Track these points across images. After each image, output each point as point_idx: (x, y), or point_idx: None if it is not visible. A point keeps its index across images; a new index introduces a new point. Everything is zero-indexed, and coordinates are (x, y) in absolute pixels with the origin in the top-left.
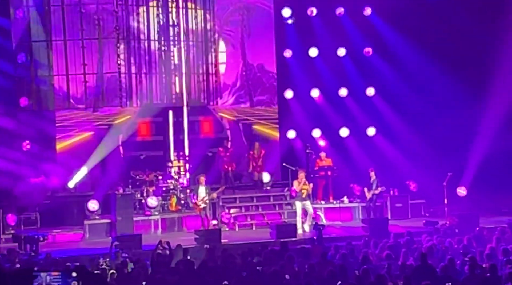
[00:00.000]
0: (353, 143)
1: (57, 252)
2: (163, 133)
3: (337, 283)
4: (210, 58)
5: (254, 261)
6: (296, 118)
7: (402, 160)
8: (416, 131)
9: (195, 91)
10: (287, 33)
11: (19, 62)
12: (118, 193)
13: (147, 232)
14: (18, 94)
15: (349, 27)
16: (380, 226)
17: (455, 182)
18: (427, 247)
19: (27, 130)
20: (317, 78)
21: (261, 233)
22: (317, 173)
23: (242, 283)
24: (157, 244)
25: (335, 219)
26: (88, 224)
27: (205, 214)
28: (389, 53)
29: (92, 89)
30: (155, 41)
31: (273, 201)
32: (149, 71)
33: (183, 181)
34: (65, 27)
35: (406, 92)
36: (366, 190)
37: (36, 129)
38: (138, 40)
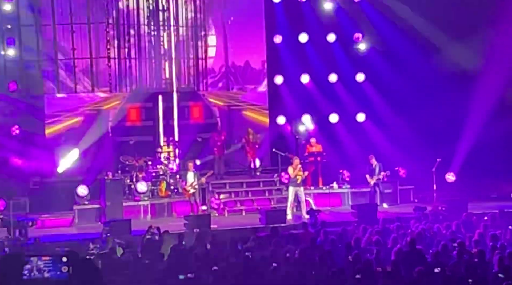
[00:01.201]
0: (342, 129)
1: (46, 237)
2: (152, 119)
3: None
4: (200, 43)
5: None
6: (286, 104)
7: (392, 146)
8: (406, 118)
9: (185, 76)
10: (277, 18)
11: (7, 46)
12: (107, 178)
13: (136, 218)
14: (6, 78)
15: (339, 12)
16: (369, 212)
17: (444, 168)
18: (416, 233)
19: (16, 115)
20: (307, 64)
21: (250, 219)
22: (307, 159)
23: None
24: (147, 230)
25: (324, 205)
26: (77, 209)
27: (194, 199)
28: (378, 39)
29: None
30: (144, 26)
31: (263, 186)
32: (138, 56)
33: (173, 166)
34: (54, 12)
35: (395, 79)
36: (368, 176)
37: (25, 114)
38: (127, 25)
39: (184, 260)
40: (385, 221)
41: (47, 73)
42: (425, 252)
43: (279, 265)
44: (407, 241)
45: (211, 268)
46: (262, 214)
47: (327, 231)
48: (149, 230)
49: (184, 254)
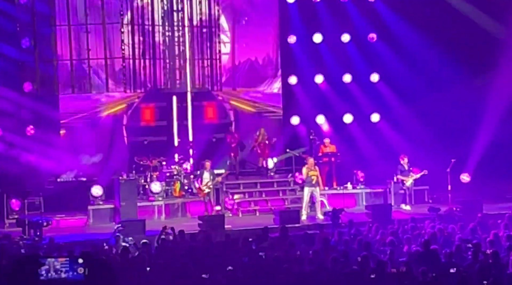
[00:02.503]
0: (357, 129)
1: (60, 237)
2: (167, 119)
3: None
4: (214, 43)
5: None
6: (300, 105)
7: (406, 146)
8: (420, 118)
9: (199, 76)
10: (291, 19)
11: (23, 47)
12: (121, 179)
13: (150, 218)
14: (22, 79)
15: (354, 13)
16: (384, 212)
17: (459, 168)
18: (430, 233)
19: (31, 115)
20: (321, 64)
21: (264, 219)
22: (321, 159)
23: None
24: (162, 230)
25: (338, 205)
26: (92, 209)
27: (208, 199)
28: (393, 39)
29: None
30: (159, 26)
31: (277, 187)
32: (153, 56)
33: (187, 166)
34: (69, 12)
35: (410, 79)
36: (402, 176)
37: (40, 114)
38: (142, 25)
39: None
40: (399, 221)
41: (62, 74)
42: (440, 253)
43: (292, 266)
44: (421, 241)
45: (226, 268)
46: (276, 215)
47: (341, 232)
48: (164, 230)
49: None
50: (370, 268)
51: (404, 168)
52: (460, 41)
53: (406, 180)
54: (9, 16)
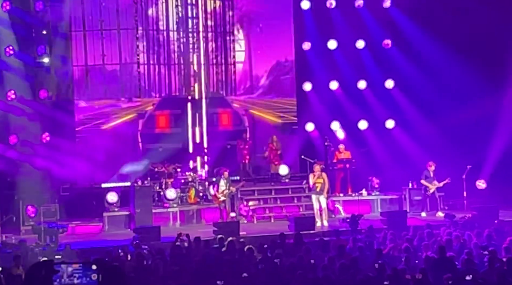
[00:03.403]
0: (371, 136)
1: (76, 244)
2: (181, 126)
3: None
4: (229, 49)
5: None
6: (315, 111)
7: (421, 153)
8: (435, 124)
9: (214, 83)
10: (306, 25)
11: (38, 54)
12: (137, 185)
13: (165, 224)
14: (37, 86)
15: (368, 19)
16: (399, 219)
17: (475, 175)
18: (445, 240)
19: (46, 122)
20: (336, 70)
21: (279, 226)
22: (336, 166)
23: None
24: (177, 236)
25: (353, 212)
26: (107, 216)
27: (224, 206)
28: (408, 45)
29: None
30: (173, 32)
31: (292, 193)
32: (167, 62)
33: (202, 173)
34: (84, 18)
35: (425, 85)
36: (426, 183)
37: (56, 121)
38: (157, 31)
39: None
40: (415, 228)
41: (77, 79)
42: (456, 260)
43: (306, 272)
44: (437, 248)
45: (241, 275)
46: (291, 221)
47: (356, 238)
48: (179, 237)
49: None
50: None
51: (429, 174)
52: (475, 47)
53: (429, 187)
54: (24, 24)
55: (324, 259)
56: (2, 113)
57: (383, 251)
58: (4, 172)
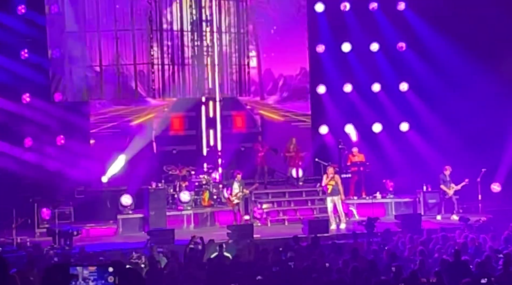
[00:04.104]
0: (386, 138)
1: (90, 246)
2: (195, 128)
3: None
4: (243, 52)
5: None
6: (329, 114)
7: (435, 156)
8: (450, 127)
9: (228, 85)
10: (320, 28)
11: (53, 57)
12: (151, 188)
13: (179, 227)
14: (52, 89)
15: (382, 21)
16: (413, 222)
17: (489, 178)
18: (460, 243)
19: (61, 125)
20: (350, 73)
21: (293, 228)
22: (350, 169)
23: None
24: (190, 239)
25: (367, 215)
26: (121, 218)
27: (237, 209)
28: (422, 48)
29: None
30: (187, 32)
31: (306, 196)
32: (182, 63)
33: (216, 176)
34: (98, 19)
35: (439, 88)
36: (444, 187)
37: (70, 124)
38: (171, 31)
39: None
40: (429, 231)
41: (91, 80)
42: (470, 263)
43: (321, 275)
44: (452, 251)
45: (255, 278)
46: (305, 224)
47: (370, 241)
48: (192, 240)
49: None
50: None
51: (446, 178)
52: (490, 49)
53: (447, 191)
54: (39, 27)
55: (338, 262)
56: (18, 116)
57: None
58: (19, 174)
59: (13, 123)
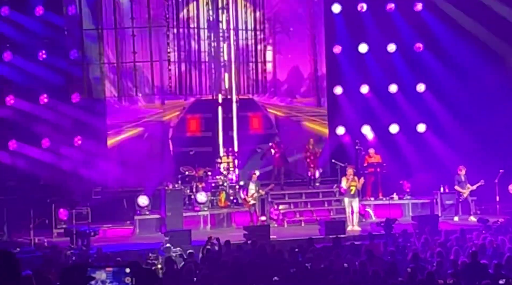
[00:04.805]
0: (402, 139)
1: (107, 247)
2: (212, 129)
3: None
4: (259, 53)
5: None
6: (346, 115)
7: (453, 157)
8: (467, 128)
9: (244, 86)
10: (336, 29)
11: (71, 58)
12: (168, 189)
13: (196, 228)
14: (70, 90)
15: (400, 22)
16: (430, 223)
17: (507, 179)
18: (478, 245)
19: (78, 126)
20: (367, 74)
21: (309, 230)
22: (366, 170)
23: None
24: (207, 240)
25: (384, 216)
26: (138, 219)
27: (254, 210)
28: (440, 49)
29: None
30: (204, 30)
31: (322, 197)
32: (198, 60)
33: (232, 177)
34: (116, 17)
35: (457, 88)
36: (459, 188)
37: (88, 125)
38: (188, 28)
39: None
40: (447, 232)
41: (108, 78)
42: (488, 265)
43: (338, 276)
44: (469, 253)
45: (272, 279)
46: (322, 225)
47: (387, 243)
48: (209, 241)
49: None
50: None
51: (461, 179)
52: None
53: (463, 192)
54: (57, 28)
55: (355, 264)
56: (35, 117)
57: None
58: (36, 175)
59: (31, 124)
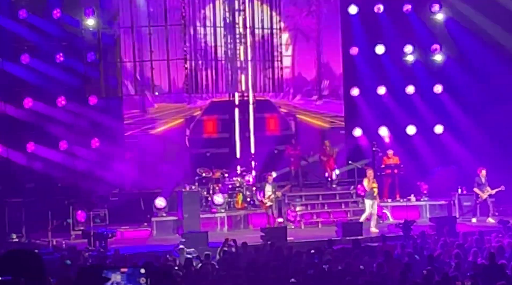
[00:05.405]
0: (420, 141)
1: (125, 249)
2: (229, 131)
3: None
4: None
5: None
6: (363, 116)
7: (471, 158)
8: (484, 129)
9: (261, 87)
10: (353, 30)
11: (88, 60)
12: (185, 190)
13: (213, 230)
14: (87, 92)
15: (417, 24)
16: (448, 225)
17: None
18: (496, 247)
19: (96, 128)
20: (384, 75)
21: (326, 231)
22: (384, 171)
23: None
24: (224, 242)
25: (401, 217)
26: (156, 221)
27: (271, 211)
28: (456, 49)
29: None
30: (221, 28)
31: (339, 198)
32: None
33: (249, 178)
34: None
35: (474, 89)
36: (478, 190)
37: (105, 127)
38: (204, 27)
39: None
40: (465, 234)
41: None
42: (507, 266)
43: (355, 278)
44: (487, 255)
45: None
46: (339, 227)
47: (404, 244)
48: (226, 243)
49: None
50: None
51: (481, 181)
52: None
53: (481, 195)
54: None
55: (372, 265)
56: (53, 119)
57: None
58: (54, 177)
59: (48, 127)
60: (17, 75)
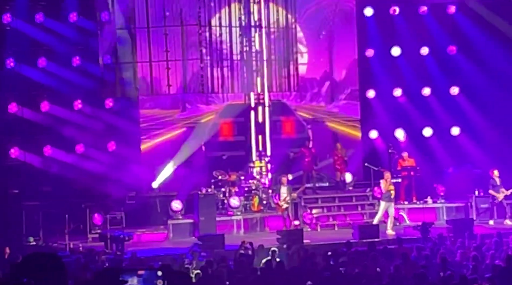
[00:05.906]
0: (436, 143)
1: (142, 252)
2: (245, 134)
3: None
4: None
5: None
6: (379, 118)
7: (488, 160)
8: (502, 131)
9: (277, 90)
10: (369, 32)
11: (104, 63)
12: (201, 193)
13: (229, 232)
14: (103, 95)
15: (433, 25)
16: (465, 227)
17: None
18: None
19: (112, 131)
20: (400, 77)
21: (343, 234)
22: (400, 173)
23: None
24: (240, 245)
25: (418, 220)
26: (172, 223)
27: (287, 214)
28: (473, 51)
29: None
30: (236, 28)
31: (355, 201)
32: (230, 58)
33: (265, 181)
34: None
35: (491, 91)
36: (493, 192)
37: (121, 130)
38: (220, 27)
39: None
40: (482, 236)
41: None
42: None
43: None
44: (505, 257)
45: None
46: (355, 229)
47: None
48: (242, 245)
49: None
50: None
51: (495, 182)
52: None
53: (497, 196)
54: (90, 34)
55: (389, 268)
56: (70, 122)
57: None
58: (71, 180)
59: (65, 130)
60: (34, 79)
